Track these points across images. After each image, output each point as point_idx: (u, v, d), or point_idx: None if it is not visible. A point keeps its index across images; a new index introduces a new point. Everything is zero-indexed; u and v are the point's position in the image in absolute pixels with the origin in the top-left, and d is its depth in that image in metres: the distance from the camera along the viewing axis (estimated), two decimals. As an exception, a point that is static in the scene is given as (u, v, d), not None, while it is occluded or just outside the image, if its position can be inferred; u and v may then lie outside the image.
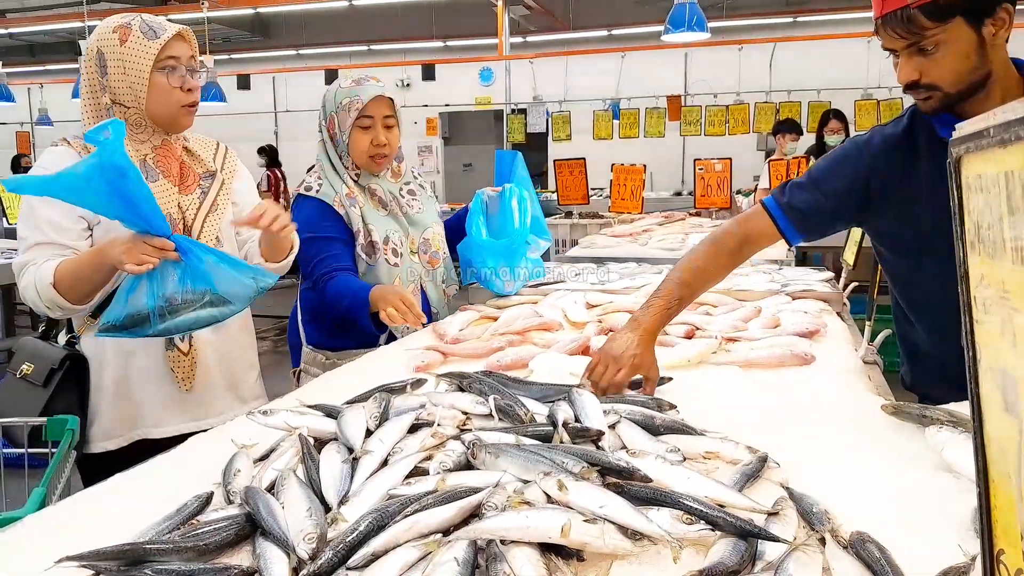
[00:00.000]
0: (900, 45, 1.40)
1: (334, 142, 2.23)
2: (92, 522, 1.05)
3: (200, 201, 1.81)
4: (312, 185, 2.23)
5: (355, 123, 2.18)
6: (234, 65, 12.59)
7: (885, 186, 1.58)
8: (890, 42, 1.41)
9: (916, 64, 1.40)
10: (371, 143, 2.20)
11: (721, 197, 5.82)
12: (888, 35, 1.40)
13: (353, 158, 2.23)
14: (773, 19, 10.83)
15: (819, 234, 1.72)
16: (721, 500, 0.98)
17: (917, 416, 1.29)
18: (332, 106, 2.22)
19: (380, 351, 1.96)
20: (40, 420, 1.43)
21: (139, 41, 1.69)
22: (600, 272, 2.95)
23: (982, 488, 0.59)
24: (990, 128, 0.47)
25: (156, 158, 1.77)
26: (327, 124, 2.24)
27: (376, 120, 2.20)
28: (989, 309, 0.54)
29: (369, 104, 2.17)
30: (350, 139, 2.20)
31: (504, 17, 10.40)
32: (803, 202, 1.65)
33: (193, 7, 8.33)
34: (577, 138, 10.30)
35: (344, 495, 1.02)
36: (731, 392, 1.56)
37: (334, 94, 2.22)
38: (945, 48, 1.37)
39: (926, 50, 1.38)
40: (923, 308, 1.69)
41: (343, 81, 2.22)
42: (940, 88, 1.41)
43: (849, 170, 1.62)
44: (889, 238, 1.68)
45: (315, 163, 2.33)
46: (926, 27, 1.35)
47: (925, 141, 1.54)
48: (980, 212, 0.53)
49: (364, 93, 2.18)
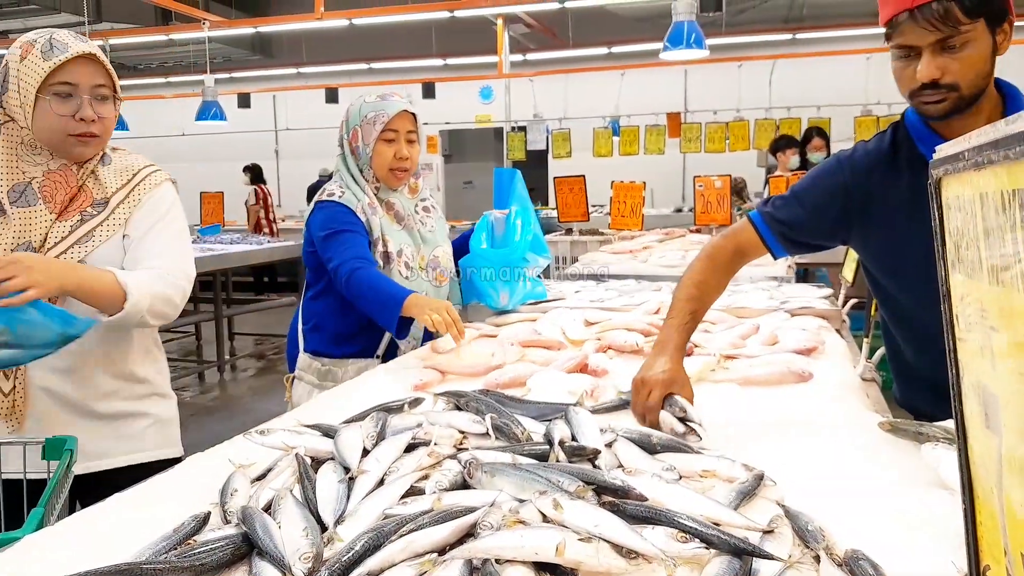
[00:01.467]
0: (930, 40, 1.37)
1: (355, 155, 2.29)
2: (90, 542, 1.06)
3: (72, 229, 1.69)
4: (335, 192, 2.27)
5: (379, 136, 2.24)
6: (235, 84, 12.66)
7: (866, 201, 1.59)
8: (918, 37, 1.38)
9: (940, 62, 1.39)
10: (394, 156, 2.26)
11: (721, 214, 5.83)
12: (919, 28, 1.37)
13: (375, 170, 2.29)
14: (772, 36, 10.89)
15: (803, 248, 1.72)
16: (716, 518, 0.98)
17: (914, 433, 1.29)
18: (356, 119, 2.28)
19: (377, 369, 1.97)
20: (39, 440, 1.44)
21: (35, 60, 1.61)
22: (599, 289, 2.96)
23: (967, 505, 0.60)
24: (965, 152, 0.48)
25: (44, 183, 1.68)
26: (349, 137, 2.30)
27: (400, 134, 2.26)
28: (970, 327, 0.55)
29: (394, 118, 2.24)
30: (374, 151, 2.25)
31: (504, 35, 10.46)
32: (785, 215, 1.66)
33: (194, 26, 8.39)
34: (577, 155, 10.35)
35: (340, 515, 1.03)
36: (729, 409, 1.56)
37: (359, 108, 2.28)
38: (970, 47, 1.37)
39: (952, 48, 1.37)
40: (909, 326, 1.69)
41: (368, 96, 2.30)
42: (959, 88, 1.40)
43: (830, 184, 1.63)
44: (873, 254, 1.68)
45: (332, 175, 2.38)
46: (961, 21, 1.34)
47: (906, 157, 1.55)
48: (959, 232, 0.54)
49: (389, 107, 2.25)
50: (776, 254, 1.72)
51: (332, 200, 2.25)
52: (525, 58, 12.16)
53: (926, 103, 1.44)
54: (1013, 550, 0.52)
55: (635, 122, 10.28)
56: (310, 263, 2.34)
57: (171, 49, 11.91)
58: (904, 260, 1.57)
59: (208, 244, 6.80)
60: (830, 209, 1.62)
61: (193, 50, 10.80)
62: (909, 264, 1.54)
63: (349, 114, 2.32)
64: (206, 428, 5.04)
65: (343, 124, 2.33)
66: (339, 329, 2.29)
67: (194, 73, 10.81)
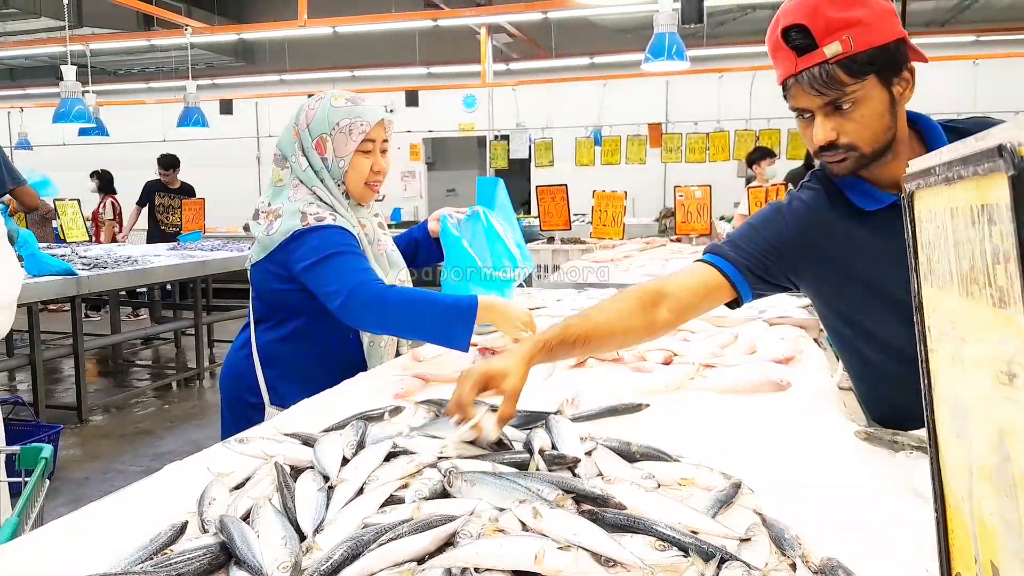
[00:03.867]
0: (817, 103, 1.36)
1: (324, 166, 1.99)
2: (65, 551, 1.04)
3: None
4: (323, 215, 1.93)
5: (357, 148, 1.97)
6: (217, 90, 12.61)
7: (810, 252, 1.54)
8: (806, 101, 1.37)
9: (833, 124, 1.37)
10: (371, 170, 2.01)
11: (701, 223, 5.89)
12: (805, 93, 1.35)
13: (348, 186, 2.01)
14: (753, 48, 10.99)
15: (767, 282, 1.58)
16: (694, 526, 0.99)
17: (888, 442, 1.31)
18: (324, 126, 1.97)
19: (358, 377, 1.96)
20: (13, 449, 1.42)
21: None
22: (581, 298, 2.97)
23: (939, 513, 0.61)
24: (936, 167, 0.49)
25: None
26: (312, 144, 1.99)
27: (376, 144, 2.01)
28: (942, 338, 0.56)
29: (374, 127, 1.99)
30: (349, 165, 1.98)
31: (487, 44, 10.51)
32: (740, 252, 1.56)
33: (176, 32, 8.35)
34: (559, 164, 10.40)
35: (319, 524, 1.02)
36: (707, 418, 1.57)
37: (326, 113, 1.97)
38: (862, 106, 1.34)
39: (842, 108, 1.35)
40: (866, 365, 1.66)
41: (333, 100, 1.99)
42: (858, 148, 1.38)
43: (772, 233, 1.56)
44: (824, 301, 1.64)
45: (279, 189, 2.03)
46: (845, 83, 1.32)
47: (840, 207, 1.51)
48: (931, 245, 0.55)
49: (366, 115, 1.97)
50: (743, 294, 1.56)
51: (324, 225, 1.91)
52: (508, 67, 12.23)
53: (829, 163, 1.43)
54: (983, 558, 0.53)
55: (617, 132, 10.34)
56: (273, 299, 2.01)
57: (153, 55, 11.85)
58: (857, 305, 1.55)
59: (188, 251, 6.76)
60: (786, 253, 1.55)
61: (175, 56, 10.75)
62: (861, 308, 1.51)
63: (311, 118, 1.98)
64: (185, 436, 5.00)
65: (300, 129, 2.00)
66: (320, 376, 1.88)
67: (176, 79, 10.76)
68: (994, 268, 0.42)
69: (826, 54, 1.31)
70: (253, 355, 2.02)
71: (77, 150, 11.97)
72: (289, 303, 1.99)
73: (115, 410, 5.75)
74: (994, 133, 0.39)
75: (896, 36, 1.34)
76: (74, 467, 4.46)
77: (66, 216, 7.23)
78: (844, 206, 1.51)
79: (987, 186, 0.41)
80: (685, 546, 0.92)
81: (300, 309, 1.99)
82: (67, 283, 4.90)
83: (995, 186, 0.39)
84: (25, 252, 4.82)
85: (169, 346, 7.81)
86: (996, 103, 8.18)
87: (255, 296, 2.06)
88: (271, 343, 2.02)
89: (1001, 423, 0.44)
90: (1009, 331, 0.41)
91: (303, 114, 2.01)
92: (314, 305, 1.94)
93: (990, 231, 0.42)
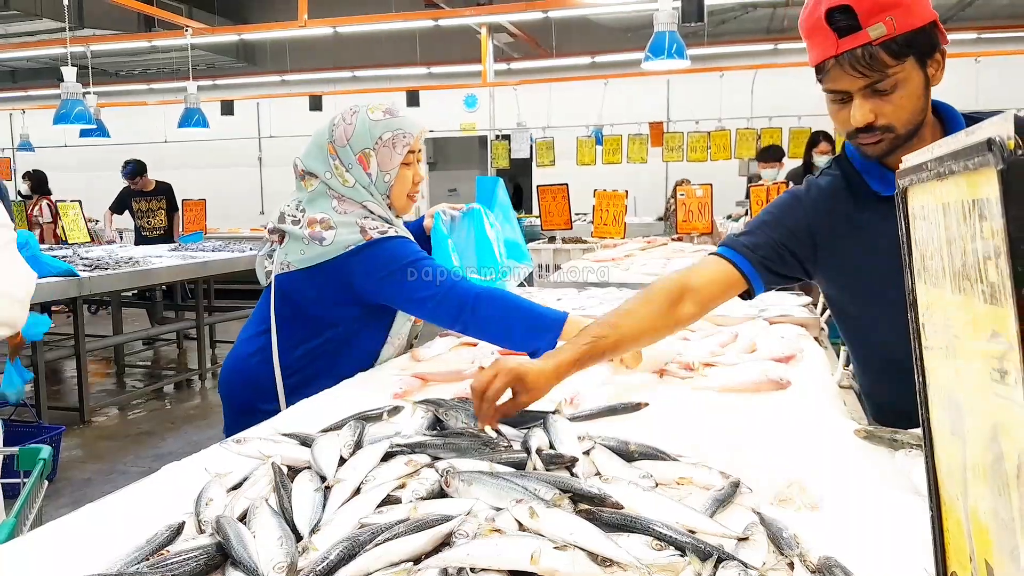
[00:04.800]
0: (858, 85, 1.36)
1: (371, 181, 1.97)
2: (63, 552, 1.04)
3: None
4: (385, 229, 1.92)
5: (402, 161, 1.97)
6: (218, 91, 12.61)
7: (831, 238, 1.55)
8: (847, 83, 1.37)
9: (872, 106, 1.37)
10: (412, 181, 2.02)
11: (703, 222, 5.88)
12: (846, 75, 1.35)
13: (392, 199, 2.00)
14: (754, 46, 10.99)
15: (780, 277, 1.61)
16: (692, 526, 0.99)
17: (888, 440, 1.30)
18: (367, 140, 1.94)
19: (357, 377, 1.95)
20: (12, 450, 1.42)
21: None
22: (581, 297, 2.97)
23: (935, 511, 0.60)
24: (928, 162, 0.49)
25: None
26: (356, 159, 1.95)
27: (416, 155, 2.02)
28: (935, 335, 0.56)
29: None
30: (396, 179, 1.98)
31: (488, 44, 10.51)
32: (755, 243, 1.57)
33: (177, 33, 8.35)
34: (561, 164, 10.38)
35: (316, 524, 1.02)
36: (707, 417, 1.57)
37: (367, 128, 1.94)
38: (901, 88, 1.35)
39: (882, 91, 1.36)
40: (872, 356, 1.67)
41: (371, 114, 1.96)
42: (894, 129, 1.39)
43: (793, 224, 1.57)
44: (839, 289, 1.64)
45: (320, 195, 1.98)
46: (888, 64, 1.33)
47: (859, 192, 1.52)
48: (925, 241, 0.55)
49: (407, 127, 1.97)
50: (755, 286, 1.58)
51: (389, 237, 1.91)
52: (509, 67, 12.22)
53: (864, 144, 1.43)
54: (978, 556, 0.52)
55: (618, 131, 10.33)
56: (313, 310, 1.97)
57: (154, 56, 11.86)
58: (871, 293, 1.54)
59: (190, 252, 6.76)
60: (801, 245, 1.57)
61: (176, 57, 10.76)
62: (875, 297, 1.50)
63: (351, 134, 1.94)
64: (186, 437, 5.01)
65: (337, 146, 1.96)
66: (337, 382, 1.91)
67: (177, 80, 10.77)
68: (985, 264, 0.41)
69: (870, 35, 1.31)
70: (274, 364, 1.98)
71: (78, 151, 12.00)
72: (327, 315, 1.97)
73: (117, 411, 5.76)
74: (983, 127, 0.39)
75: (931, 18, 1.35)
76: (76, 468, 4.46)
77: (67, 217, 7.24)
78: (863, 192, 1.52)
79: (977, 181, 0.40)
80: (682, 545, 0.92)
81: (338, 321, 1.97)
82: (69, 284, 4.90)
83: (985, 181, 0.39)
84: (26, 253, 4.82)
85: (171, 347, 7.82)
86: (998, 101, 8.17)
87: (281, 303, 1.99)
88: (299, 356, 1.98)
89: (994, 420, 0.44)
90: (1000, 328, 0.40)
91: (339, 129, 1.97)
92: (355, 317, 1.96)
93: (981, 227, 0.41)
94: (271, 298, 2.00)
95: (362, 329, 2.00)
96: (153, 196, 8.13)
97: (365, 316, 1.98)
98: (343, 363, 1.99)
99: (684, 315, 1.55)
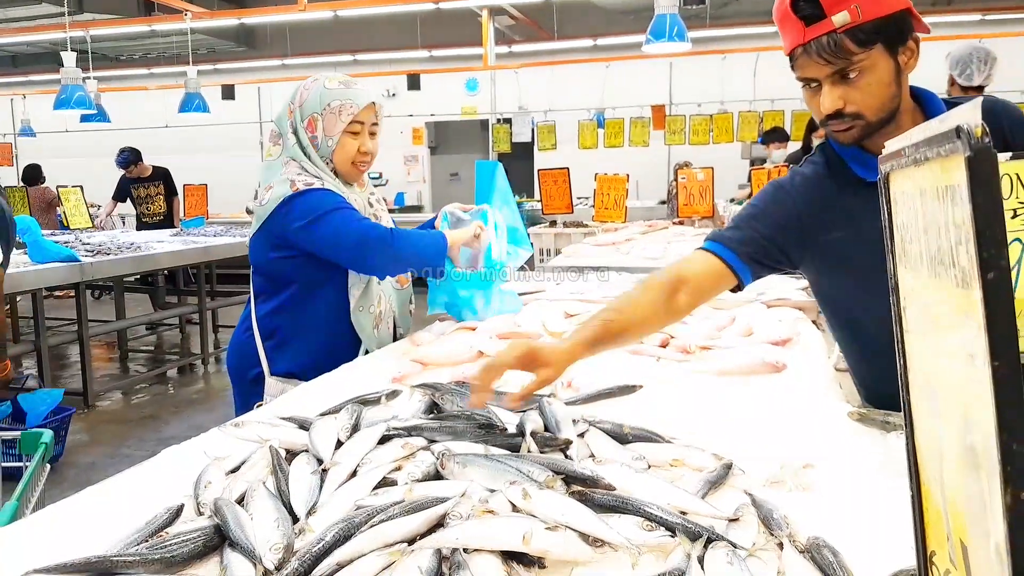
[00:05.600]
0: (825, 72, 1.38)
1: (314, 144, 2.08)
2: (64, 535, 1.06)
3: None
4: (312, 182, 2.03)
5: (346, 128, 2.06)
6: (219, 76, 12.57)
7: (818, 227, 1.55)
8: (814, 70, 1.39)
9: (840, 92, 1.38)
10: (358, 150, 2.10)
11: (704, 206, 5.87)
12: (813, 62, 1.37)
13: (335, 164, 2.10)
14: (756, 29, 10.91)
15: (768, 268, 1.62)
16: (683, 507, 1.00)
17: (880, 423, 1.32)
18: (316, 106, 2.06)
19: (356, 361, 1.97)
20: (13, 434, 1.44)
21: None
22: (580, 281, 2.98)
23: (914, 492, 0.61)
24: (906, 148, 0.49)
25: None
26: (305, 124, 2.08)
27: (365, 126, 2.09)
28: (916, 319, 0.57)
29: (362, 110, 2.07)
30: (338, 144, 2.08)
31: (489, 27, 10.44)
32: (742, 237, 1.57)
33: (177, 17, 8.31)
34: (562, 147, 10.35)
35: (312, 506, 1.04)
36: (701, 400, 1.58)
37: (318, 94, 2.06)
38: (868, 75, 1.36)
39: (849, 77, 1.37)
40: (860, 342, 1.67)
41: (327, 82, 2.08)
42: (864, 116, 1.40)
43: (780, 214, 1.57)
44: (827, 278, 1.65)
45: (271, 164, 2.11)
46: (853, 52, 1.34)
47: (843, 179, 1.53)
48: (905, 226, 0.55)
49: (357, 97, 2.06)
50: (743, 278, 1.58)
51: (314, 188, 2.01)
52: (511, 50, 12.14)
53: (836, 131, 1.45)
54: (954, 536, 0.53)
55: (620, 114, 10.28)
56: (268, 269, 2.11)
57: (154, 40, 11.81)
58: (855, 278, 1.55)
59: (192, 237, 6.77)
60: (788, 235, 1.57)
61: (176, 41, 10.70)
62: (859, 282, 1.50)
63: (304, 98, 2.08)
64: (189, 421, 5.03)
65: (294, 108, 2.10)
66: (312, 344, 2.05)
67: (177, 64, 10.73)
68: (957, 248, 0.42)
69: (834, 23, 1.32)
70: (253, 328, 2.11)
71: (79, 136, 11.97)
72: (283, 272, 2.08)
73: (121, 396, 5.79)
74: (953, 115, 0.39)
75: (902, 6, 1.36)
76: (81, 452, 4.49)
77: (69, 203, 7.25)
78: (846, 179, 1.53)
79: (949, 167, 0.41)
80: (672, 526, 0.94)
81: (292, 277, 2.08)
82: (71, 270, 4.91)
83: (955, 167, 0.40)
84: (28, 239, 4.84)
85: (174, 332, 7.84)
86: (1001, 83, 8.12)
87: (253, 271, 2.16)
88: (268, 314, 2.11)
89: (964, 402, 0.44)
90: (970, 312, 0.41)
91: (298, 94, 2.11)
92: (304, 271, 2.06)
93: (953, 212, 0.42)
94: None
95: (318, 285, 2.08)
96: (151, 182, 8.10)
97: (312, 269, 2.05)
98: (314, 322, 2.08)
99: (680, 306, 1.55)
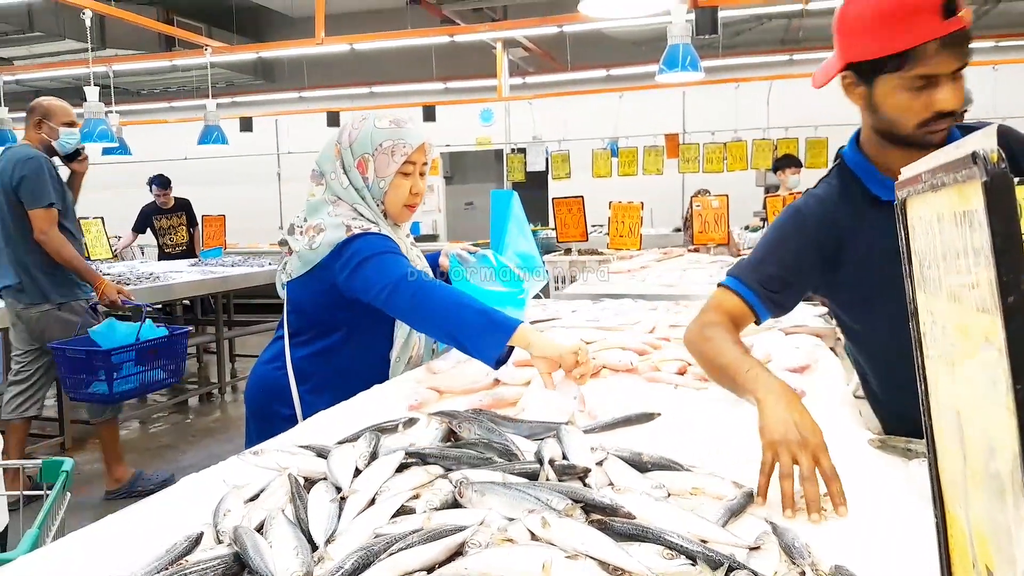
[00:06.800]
0: (953, 67, 1.36)
1: (366, 186, 2.03)
2: (84, 563, 1.06)
3: None
4: (368, 227, 1.97)
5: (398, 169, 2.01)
6: (237, 108, 12.74)
7: (838, 249, 1.55)
8: (946, 65, 1.36)
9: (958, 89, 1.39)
10: (410, 191, 2.05)
11: (719, 233, 5.87)
12: (950, 56, 1.35)
13: (387, 205, 2.05)
14: (770, 57, 10.98)
15: (784, 308, 1.64)
16: (703, 535, 0.99)
17: (902, 450, 1.30)
18: (367, 146, 2.01)
19: (374, 389, 1.97)
20: (35, 463, 1.45)
21: None
22: (595, 308, 2.98)
23: (939, 519, 0.61)
24: (923, 173, 0.50)
25: None
26: (355, 163, 2.03)
27: (417, 167, 2.05)
28: (936, 344, 0.57)
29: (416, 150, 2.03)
30: (391, 185, 2.02)
31: (503, 59, 10.56)
32: (765, 275, 1.58)
33: (196, 52, 8.46)
34: (576, 176, 10.39)
35: (331, 534, 1.04)
36: (720, 426, 1.57)
37: (369, 133, 2.01)
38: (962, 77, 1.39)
39: (961, 76, 1.38)
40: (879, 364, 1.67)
41: (378, 121, 2.03)
42: (958, 116, 1.42)
43: (800, 242, 1.57)
44: (847, 299, 1.64)
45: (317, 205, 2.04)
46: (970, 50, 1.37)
47: (861, 199, 1.53)
48: (923, 252, 0.56)
49: (409, 137, 2.01)
50: (761, 317, 1.61)
51: (370, 232, 1.95)
52: (524, 81, 12.27)
53: (938, 132, 1.41)
54: (980, 563, 0.53)
55: (633, 143, 10.32)
56: (312, 313, 2.04)
57: (174, 74, 12.02)
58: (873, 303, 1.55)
59: (210, 267, 6.83)
60: (808, 265, 1.57)
61: (195, 75, 10.88)
62: (878, 306, 1.50)
63: (354, 138, 2.02)
64: (207, 450, 5.04)
65: (342, 148, 2.04)
66: (350, 393, 1.91)
67: (197, 98, 10.89)
68: (976, 273, 0.42)
69: (965, 21, 1.34)
70: (287, 369, 2.05)
71: (100, 169, 12.11)
72: (328, 319, 2.03)
73: (139, 424, 5.81)
74: (969, 140, 0.40)
75: None
76: (98, 481, 4.50)
77: (90, 234, 7.34)
78: (862, 199, 1.53)
79: (966, 193, 0.41)
80: (693, 554, 0.93)
81: (338, 324, 2.02)
82: (91, 300, 4.96)
83: (972, 192, 0.40)
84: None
85: (192, 361, 7.88)
86: (1016, 108, 8.10)
87: (291, 311, 2.08)
88: (306, 357, 2.05)
89: (988, 428, 0.44)
90: (991, 336, 0.41)
91: (346, 133, 2.05)
92: (352, 320, 2.01)
93: (971, 237, 0.42)
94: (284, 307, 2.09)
95: (364, 333, 2.03)
96: (173, 212, 8.21)
97: (362, 318, 1.99)
98: (353, 369, 2.03)
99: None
